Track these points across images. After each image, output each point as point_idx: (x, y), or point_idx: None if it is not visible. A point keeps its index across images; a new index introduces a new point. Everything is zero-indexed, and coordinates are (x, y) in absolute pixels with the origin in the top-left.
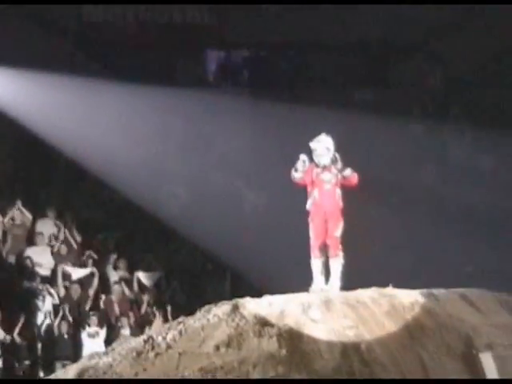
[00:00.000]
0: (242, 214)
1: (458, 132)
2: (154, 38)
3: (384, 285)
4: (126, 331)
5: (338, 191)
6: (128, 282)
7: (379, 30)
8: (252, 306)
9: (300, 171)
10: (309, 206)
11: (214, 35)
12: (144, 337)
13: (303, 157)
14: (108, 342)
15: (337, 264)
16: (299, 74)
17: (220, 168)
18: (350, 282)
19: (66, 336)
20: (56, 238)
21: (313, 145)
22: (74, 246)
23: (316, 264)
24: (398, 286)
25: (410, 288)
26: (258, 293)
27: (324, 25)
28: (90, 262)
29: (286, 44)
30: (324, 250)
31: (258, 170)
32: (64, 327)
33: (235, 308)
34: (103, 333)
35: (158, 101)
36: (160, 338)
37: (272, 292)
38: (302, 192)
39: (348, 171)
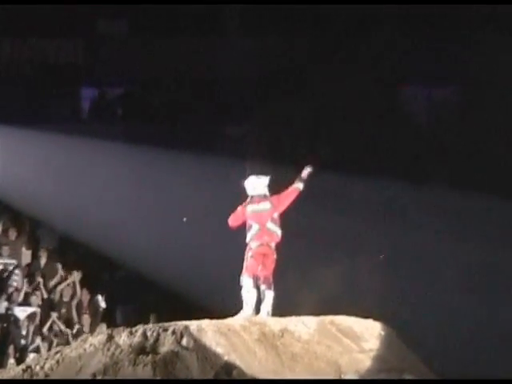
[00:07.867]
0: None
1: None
2: (27, 76)
3: None
4: (10, 360)
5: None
6: (5, 317)
7: (252, 65)
8: (127, 335)
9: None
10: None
11: (87, 72)
12: (22, 366)
13: None
14: None
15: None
16: (172, 110)
17: (94, 203)
18: None
19: None
20: None
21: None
22: None
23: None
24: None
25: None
26: (132, 323)
27: (196, 59)
28: None
29: (158, 80)
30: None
31: (134, 205)
32: None
33: (110, 337)
34: None
35: (32, 139)
36: (38, 368)
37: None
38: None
39: None
